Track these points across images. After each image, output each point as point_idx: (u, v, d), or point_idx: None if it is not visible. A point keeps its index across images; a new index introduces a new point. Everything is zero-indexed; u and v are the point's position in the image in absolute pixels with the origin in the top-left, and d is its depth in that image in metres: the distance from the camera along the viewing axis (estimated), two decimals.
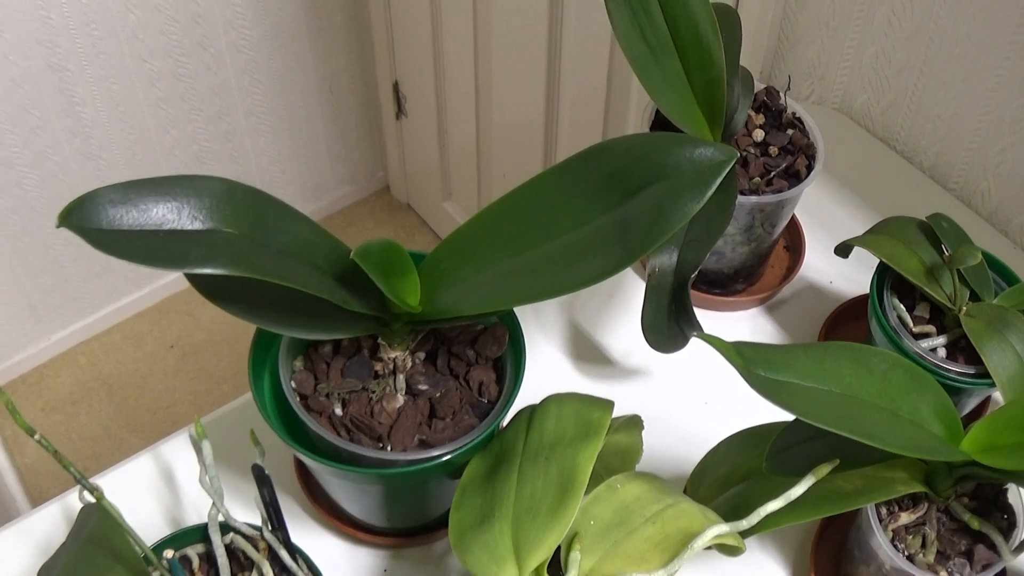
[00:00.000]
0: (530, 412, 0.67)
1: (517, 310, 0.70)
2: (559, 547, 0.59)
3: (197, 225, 0.61)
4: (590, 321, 0.94)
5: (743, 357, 0.58)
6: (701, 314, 0.87)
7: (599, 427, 0.61)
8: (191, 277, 0.63)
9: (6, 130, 1.65)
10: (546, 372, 0.89)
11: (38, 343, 1.97)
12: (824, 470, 0.58)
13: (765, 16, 1.15)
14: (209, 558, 0.65)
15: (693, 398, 0.88)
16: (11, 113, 1.64)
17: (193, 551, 0.66)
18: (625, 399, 0.74)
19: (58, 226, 0.57)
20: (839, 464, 0.59)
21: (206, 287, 0.64)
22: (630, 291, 0.95)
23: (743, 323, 0.94)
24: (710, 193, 0.58)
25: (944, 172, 1.08)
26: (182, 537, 0.66)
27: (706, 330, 0.81)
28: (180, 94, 1.81)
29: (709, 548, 0.59)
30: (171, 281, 2.04)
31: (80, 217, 0.57)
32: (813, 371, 0.59)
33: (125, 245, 0.58)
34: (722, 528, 0.58)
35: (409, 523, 0.76)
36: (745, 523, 0.57)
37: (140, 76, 1.74)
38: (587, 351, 0.92)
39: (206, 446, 0.66)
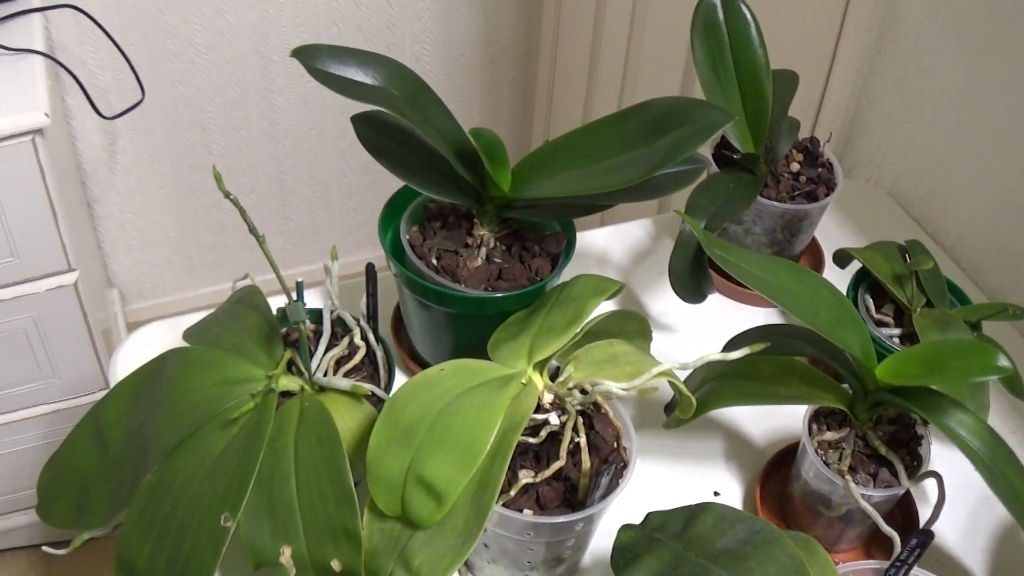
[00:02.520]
0: (563, 284, 0.92)
1: (581, 258, 0.95)
2: (559, 368, 0.84)
3: (375, 83, 0.88)
4: (635, 282, 1.18)
5: (707, 238, 0.83)
6: (725, 301, 1.12)
7: (605, 290, 0.87)
8: (360, 133, 0.91)
9: (208, 98, 1.98)
10: None
11: (184, 292, 2.28)
12: (758, 347, 0.81)
13: (840, 108, 1.41)
14: (316, 335, 0.92)
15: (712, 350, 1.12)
16: (217, 84, 1.97)
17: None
18: (655, 347, 0.98)
19: (292, 55, 0.85)
20: (769, 348, 0.82)
21: (370, 142, 0.91)
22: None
23: (758, 317, 1.18)
24: (709, 139, 0.83)
25: (960, 254, 1.30)
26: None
27: (722, 316, 1.08)
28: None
29: None
30: (310, 270, 2.34)
31: (305, 55, 0.85)
32: (757, 263, 0.83)
33: (327, 79, 0.86)
34: (673, 365, 0.81)
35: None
36: (691, 363, 0.81)
37: None
38: (629, 304, 1.16)
39: (335, 265, 0.93)
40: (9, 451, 1.68)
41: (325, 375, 0.87)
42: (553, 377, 0.85)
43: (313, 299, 1.00)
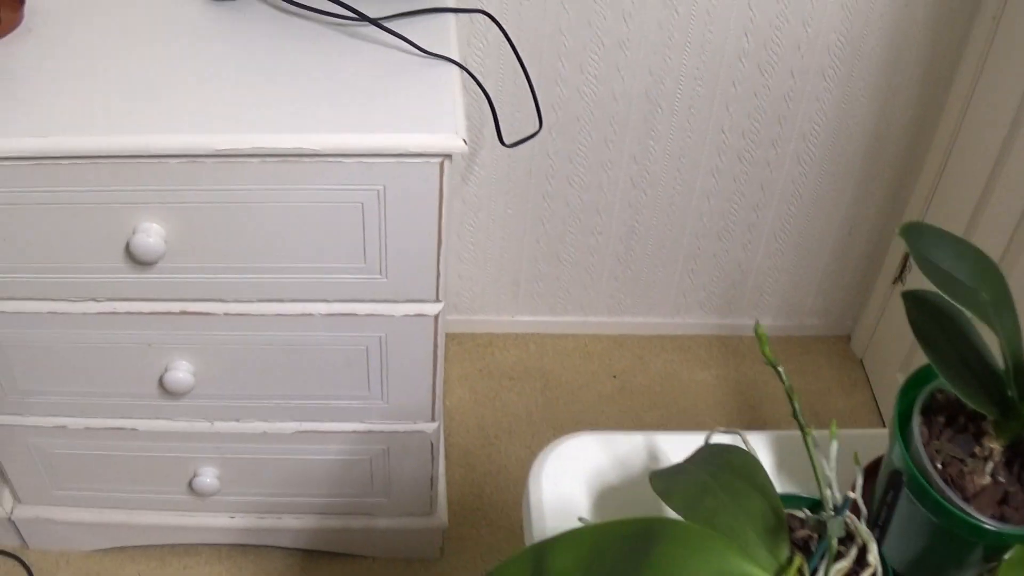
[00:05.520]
0: None
1: None
2: None
3: (967, 281, 0.73)
4: None
5: None
6: None
7: None
8: (910, 313, 0.76)
9: (584, 130, 1.86)
10: None
11: (500, 314, 2.18)
12: None
13: None
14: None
15: None
16: (597, 118, 1.85)
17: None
18: None
19: (900, 233, 0.71)
20: None
21: (919, 325, 0.76)
22: None
23: None
24: None
25: None
26: (790, 500, 0.77)
27: None
28: (734, 173, 1.96)
29: None
30: (639, 323, 2.21)
31: (911, 234, 0.71)
32: None
33: (927, 268, 0.71)
34: None
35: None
36: None
37: (710, 142, 1.91)
38: None
39: (834, 447, 0.76)
40: (306, 457, 1.61)
41: None
42: None
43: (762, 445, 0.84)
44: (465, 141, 1.19)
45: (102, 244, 1.30)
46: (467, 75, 1.31)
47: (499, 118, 1.80)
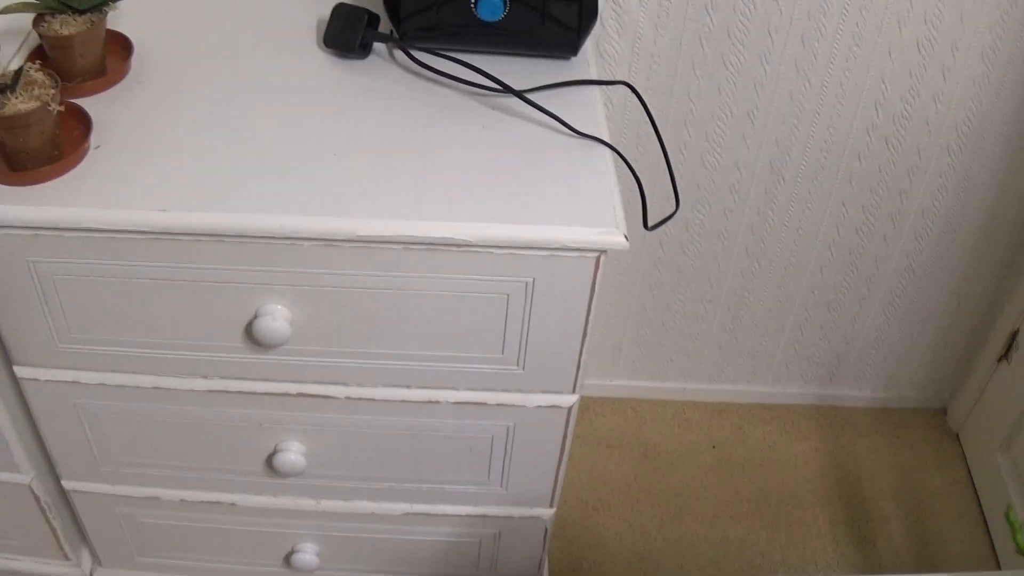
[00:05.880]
0: None
1: None
2: None
3: None
4: None
5: None
6: None
7: None
8: None
9: (704, 197, 1.79)
10: None
11: (601, 378, 2.10)
12: None
13: None
14: None
15: None
16: (720, 185, 1.77)
17: None
18: None
19: None
20: None
21: None
22: None
23: None
24: None
25: None
26: None
27: None
28: (850, 246, 1.88)
29: None
30: (739, 391, 2.12)
31: None
32: None
33: None
34: None
35: None
36: None
37: (830, 215, 1.83)
38: None
39: None
40: (413, 538, 1.54)
41: None
42: None
43: None
44: (626, 237, 1.11)
45: (219, 323, 1.22)
46: (622, 160, 1.22)
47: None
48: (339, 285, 1.17)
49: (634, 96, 1.55)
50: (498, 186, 1.14)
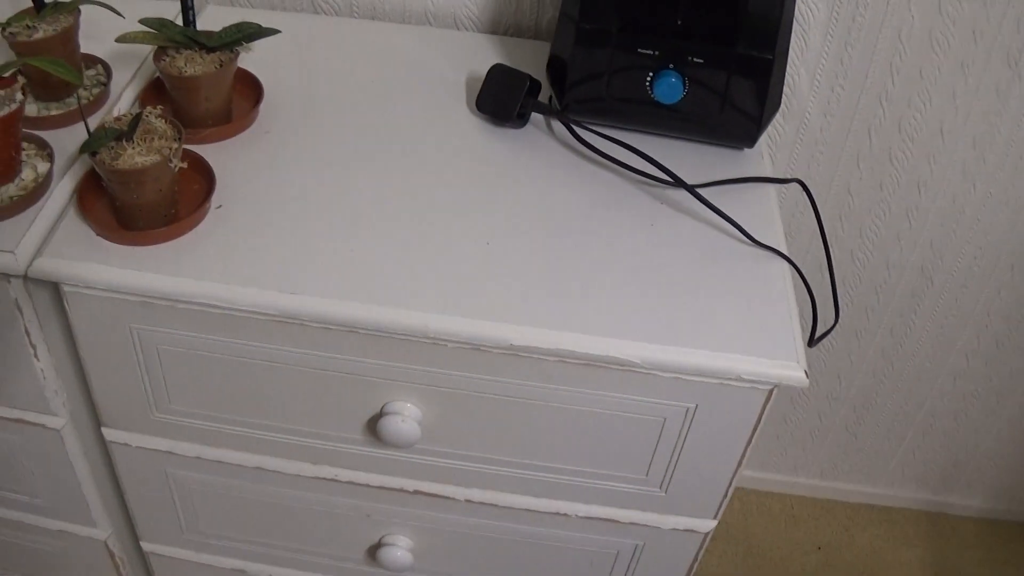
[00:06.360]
0: None
1: None
2: None
3: None
4: None
5: None
6: None
7: None
8: None
9: (848, 293, 1.67)
10: None
11: None
12: None
13: None
14: None
15: None
16: (866, 283, 1.66)
17: None
18: None
19: None
20: None
21: None
22: None
23: None
24: None
25: None
26: None
27: None
28: (988, 357, 1.76)
29: None
30: (850, 490, 2.00)
31: None
32: None
33: None
34: None
35: None
36: None
37: (973, 323, 1.71)
38: None
39: None
40: None
41: None
42: None
43: None
44: (806, 373, 0.99)
45: (339, 413, 1.11)
46: (796, 272, 1.11)
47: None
48: (481, 391, 1.06)
49: (801, 190, 1.44)
50: (667, 298, 1.03)
